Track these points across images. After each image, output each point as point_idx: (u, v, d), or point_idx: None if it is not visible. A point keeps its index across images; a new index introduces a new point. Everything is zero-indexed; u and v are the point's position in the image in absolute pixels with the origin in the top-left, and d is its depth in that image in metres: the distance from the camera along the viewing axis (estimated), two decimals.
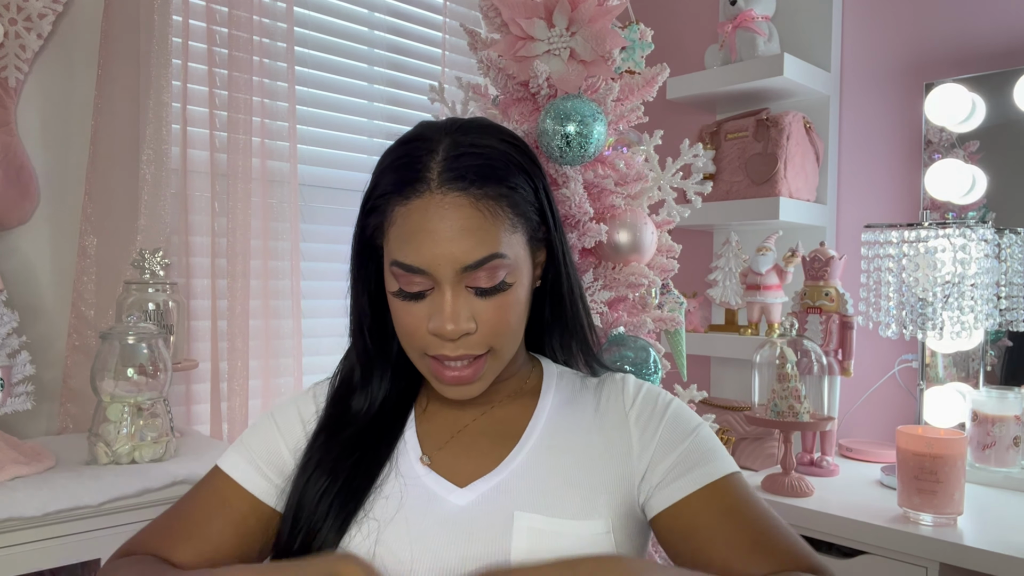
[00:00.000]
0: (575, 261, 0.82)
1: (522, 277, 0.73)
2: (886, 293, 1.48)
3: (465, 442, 0.77)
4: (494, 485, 0.72)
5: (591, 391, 0.81)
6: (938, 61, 1.77)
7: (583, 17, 1.13)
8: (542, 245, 0.77)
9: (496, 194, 0.70)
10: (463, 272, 0.68)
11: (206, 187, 1.70)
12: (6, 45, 1.44)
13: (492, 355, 0.72)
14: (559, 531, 0.68)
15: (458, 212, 0.68)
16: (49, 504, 1.07)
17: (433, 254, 0.67)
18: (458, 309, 0.69)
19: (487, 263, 0.68)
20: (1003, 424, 1.47)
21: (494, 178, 0.70)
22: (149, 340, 1.28)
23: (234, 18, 1.70)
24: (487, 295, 0.70)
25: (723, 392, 2.06)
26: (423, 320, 0.70)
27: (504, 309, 0.71)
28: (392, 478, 0.74)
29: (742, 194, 1.85)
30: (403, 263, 0.69)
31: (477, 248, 0.68)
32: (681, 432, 0.75)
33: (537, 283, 0.79)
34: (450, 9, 2.18)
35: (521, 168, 0.73)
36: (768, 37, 1.85)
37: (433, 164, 0.69)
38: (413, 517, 0.71)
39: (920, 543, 1.20)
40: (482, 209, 0.68)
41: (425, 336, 0.70)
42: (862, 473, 1.59)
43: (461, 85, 1.36)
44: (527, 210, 0.73)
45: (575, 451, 0.74)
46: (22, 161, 1.47)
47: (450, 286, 0.69)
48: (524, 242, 0.73)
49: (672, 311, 1.34)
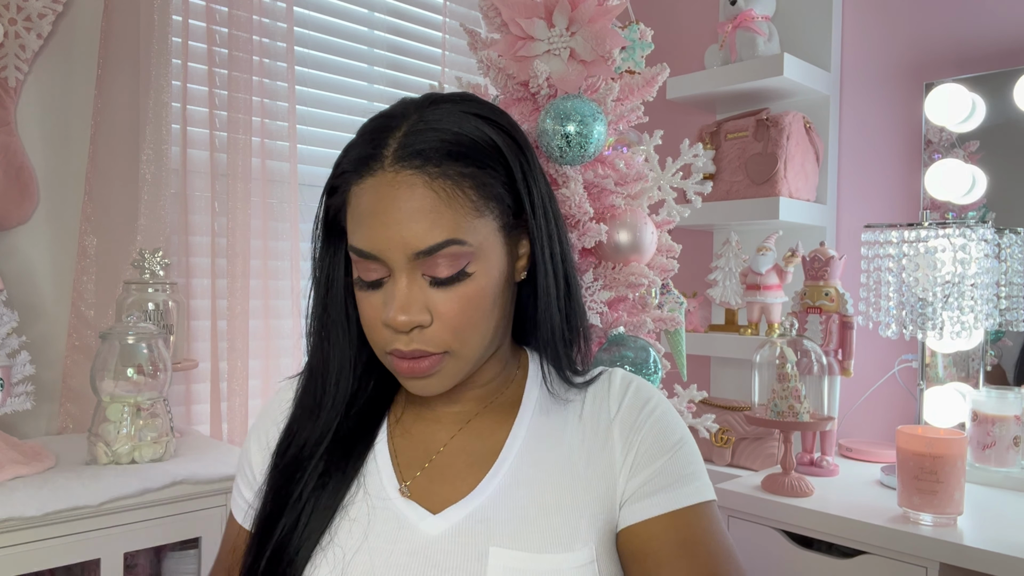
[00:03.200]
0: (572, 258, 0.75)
1: (490, 268, 0.65)
2: (886, 293, 1.48)
3: (441, 463, 0.70)
4: (469, 513, 0.66)
5: (576, 393, 0.74)
6: (938, 61, 1.77)
7: (583, 17, 1.13)
8: (525, 234, 0.70)
9: (456, 174, 0.63)
10: (416, 259, 0.62)
11: (206, 187, 1.70)
12: (6, 45, 1.44)
13: (451, 357, 0.66)
14: (538, 569, 0.63)
15: (410, 192, 0.62)
16: (49, 504, 1.07)
17: (383, 238, 0.62)
18: (411, 299, 0.63)
19: (442, 249, 0.62)
20: (1003, 424, 1.47)
21: (456, 156, 0.63)
22: (149, 340, 1.28)
23: (234, 18, 1.70)
24: (445, 285, 0.63)
25: (723, 392, 2.06)
26: (379, 309, 0.65)
27: (464, 302, 0.64)
28: (360, 498, 0.68)
29: (742, 194, 1.85)
30: (356, 247, 0.64)
31: (430, 232, 0.62)
32: (661, 446, 0.69)
33: (522, 275, 0.72)
34: (450, 9, 2.18)
35: (495, 148, 0.66)
36: (768, 37, 1.85)
37: (392, 140, 0.64)
38: (380, 546, 0.65)
39: (920, 543, 1.20)
40: (437, 190, 0.62)
41: (382, 331, 0.65)
42: (862, 473, 1.59)
43: (461, 85, 1.36)
44: (499, 193, 0.66)
45: (555, 470, 0.68)
46: (22, 161, 1.47)
47: (404, 273, 0.63)
48: (495, 229, 0.66)
49: (672, 311, 1.34)
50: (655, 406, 0.72)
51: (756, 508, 1.41)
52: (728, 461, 1.76)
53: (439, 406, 0.74)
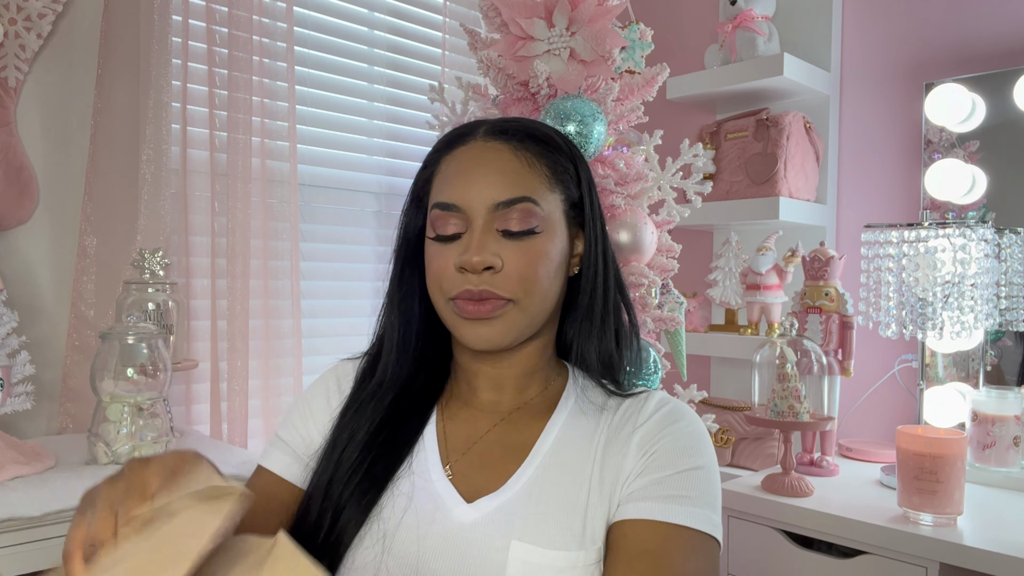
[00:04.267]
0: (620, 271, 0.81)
1: (554, 238, 0.74)
2: (886, 293, 1.48)
3: (480, 449, 0.75)
4: (498, 505, 0.70)
5: (613, 405, 0.76)
6: (938, 61, 1.77)
7: (583, 17, 1.13)
8: (581, 231, 0.78)
9: (536, 151, 0.74)
10: (495, 210, 0.71)
11: (206, 187, 1.70)
12: (6, 45, 1.44)
13: (514, 304, 0.71)
14: (551, 564, 0.66)
15: (497, 155, 0.73)
16: (49, 504, 1.07)
17: (469, 190, 0.72)
18: (486, 243, 0.70)
19: (519, 203, 0.71)
20: (1003, 424, 1.47)
21: (536, 139, 0.75)
22: (149, 340, 1.28)
23: (234, 18, 1.70)
24: (516, 237, 0.71)
25: (723, 392, 2.06)
26: (452, 260, 0.72)
27: (531, 255, 0.71)
28: (407, 474, 0.74)
29: (742, 194, 1.85)
30: (441, 202, 0.73)
31: (511, 188, 0.71)
32: (675, 462, 0.69)
33: (574, 271, 0.78)
34: (450, 9, 2.18)
35: (565, 147, 0.78)
36: (768, 37, 1.85)
37: (481, 126, 0.76)
38: (419, 524, 0.70)
39: (920, 543, 1.20)
40: (520, 158, 0.73)
41: (452, 276, 0.72)
42: (862, 473, 1.59)
43: (461, 85, 1.36)
44: (566, 180, 0.76)
45: (578, 470, 0.71)
46: (22, 161, 1.47)
47: (481, 223, 0.71)
48: (561, 209, 0.75)
49: (672, 311, 1.34)
50: (685, 425, 0.73)
51: (756, 508, 1.41)
52: (728, 461, 1.76)
53: (483, 392, 0.79)
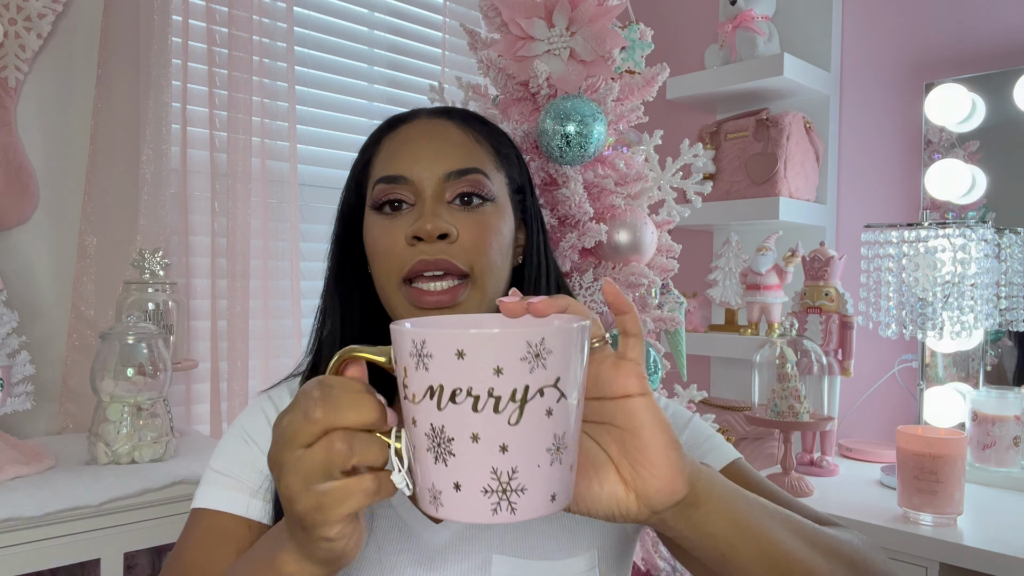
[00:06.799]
0: (557, 262, 0.78)
1: (504, 215, 0.70)
2: (886, 293, 1.48)
3: None
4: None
5: None
6: (938, 61, 1.77)
7: (583, 17, 1.13)
8: (522, 223, 0.75)
9: (481, 130, 0.72)
10: (446, 180, 0.67)
11: (206, 187, 1.70)
12: (6, 45, 1.44)
13: (471, 283, 0.67)
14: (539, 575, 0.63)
15: (444, 129, 0.70)
16: (49, 504, 1.07)
17: (417, 162, 0.68)
18: (438, 211, 0.67)
19: (470, 174, 0.68)
20: (1003, 424, 1.47)
21: (480, 120, 0.74)
22: (149, 340, 1.28)
23: (234, 18, 1.70)
24: (468, 208, 0.68)
25: (723, 392, 2.06)
26: (401, 234, 0.66)
27: (484, 227, 0.68)
28: None
29: (742, 194, 1.85)
30: (387, 175, 0.68)
31: (462, 159, 0.68)
32: (676, 425, 0.70)
33: (518, 260, 0.75)
34: (450, 9, 2.18)
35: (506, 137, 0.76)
36: (768, 37, 1.85)
37: (422, 111, 0.74)
38: (386, 558, 0.65)
39: (920, 543, 1.20)
40: (467, 133, 0.71)
41: (403, 251, 0.66)
42: (862, 473, 1.59)
43: (461, 85, 1.36)
44: (511, 163, 0.74)
45: None
46: (22, 161, 1.47)
47: (431, 193, 0.67)
48: (507, 190, 0.72)
49: (672, 311, 1.34)
50: (663, 406, 0.74)
51: None
52: None
53: None
